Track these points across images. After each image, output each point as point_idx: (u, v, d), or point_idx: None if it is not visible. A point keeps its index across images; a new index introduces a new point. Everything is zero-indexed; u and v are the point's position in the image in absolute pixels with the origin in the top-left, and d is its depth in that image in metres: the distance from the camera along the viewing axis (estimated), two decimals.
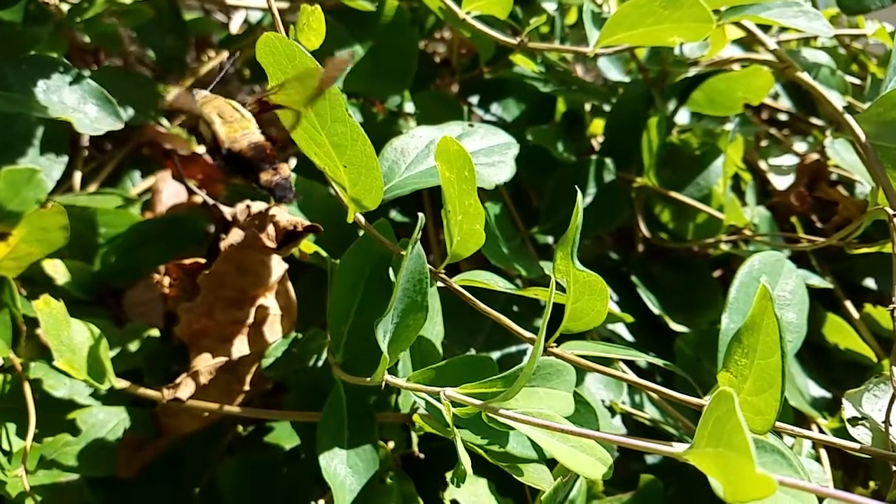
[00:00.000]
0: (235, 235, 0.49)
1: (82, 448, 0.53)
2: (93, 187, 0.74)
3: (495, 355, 0.56)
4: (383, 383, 0.39)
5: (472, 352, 0.55)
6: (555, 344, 0.41)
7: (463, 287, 0.44)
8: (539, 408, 0.35)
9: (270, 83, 0.40)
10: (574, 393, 0.39)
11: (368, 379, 0.39)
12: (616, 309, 0.60)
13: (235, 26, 0.93)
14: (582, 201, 0.39)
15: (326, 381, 0.53)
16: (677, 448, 0.28)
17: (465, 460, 0.36)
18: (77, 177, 0.73)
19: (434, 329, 0.47)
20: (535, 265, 0.55)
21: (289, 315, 0.56)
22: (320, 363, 0.55)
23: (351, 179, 0.42)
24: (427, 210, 0.68)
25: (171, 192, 0.73)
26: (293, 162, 0.86)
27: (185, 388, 0.48)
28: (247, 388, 0.53)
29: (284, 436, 0.57)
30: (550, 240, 0.66)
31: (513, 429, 0.37)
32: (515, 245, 0.57)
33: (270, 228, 0.49)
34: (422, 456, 0.50)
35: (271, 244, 0.49)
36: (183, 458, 0.57)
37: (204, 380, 0.49)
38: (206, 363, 0.50)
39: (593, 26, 0.54)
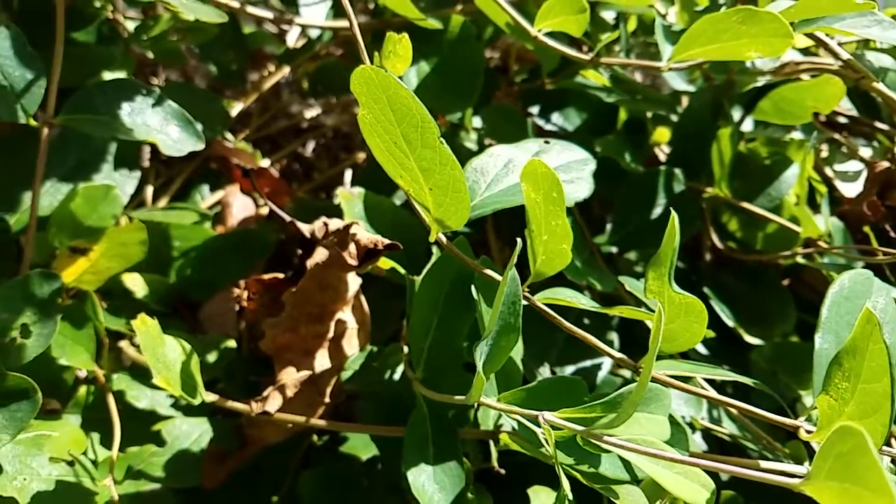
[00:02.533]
0: (320, 254, 0.50)
1: (168, 459, 0.54)
2: (163, 202, 0.76)
3: (569, 370, 0.56)
4: (476, 403, 0.40)
5: (547, 367, 0.55)
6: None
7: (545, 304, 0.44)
8: (639, 433, 0.36)
9: (362, 111, 0.41)
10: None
11: (462, 398, 0.40)
12: None
13: (292, 40, 0.95)
14: (677, 222, 0.39)
15: (403, 394, 0.54)
16: (794, 480, 0.28)
17: (566, 484, 0.36)
18: (149, 191, 0.76)
19: (516, 347, 0.47)
20: (608, 278, 0.55)
21: (364, 329, 0.57)
22: (396, 376, 0.56)
23: (436, 201, 0.43)
24: (489, 225, 0.69)
25: (240, 205, 0.75)
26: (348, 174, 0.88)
27: (272, 402, 0.50)
28: (327, 400, 0.54)
29: (360, 446, 0.58)
30: (615, 249, 0.66)
31: (609, 452, 0.37)
32: (585, 258, 0.58)
33: (352, 246, 0.50)
34: (502, 471, 0.51)
35: (353, 262, 0.50)
36: (262, 469, 0.59)
37: (290, 393, 0.50)
38: (291, 377, 0.51)
39: (666, 41, 0.54)
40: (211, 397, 0.52)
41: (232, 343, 0.63)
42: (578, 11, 0.50)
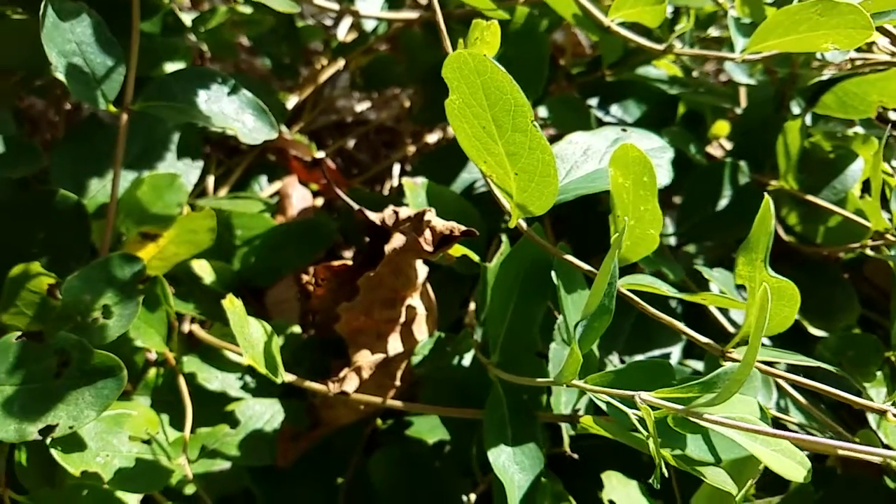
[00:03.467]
0: (398, 240, 0.51)
1: (243, 438, 0.56)
2: (223, 191, 0.77)
3: (637, 359, 0.57)
4: (552, 387, 0.40)
5: (615, 356, 0.55)
6: (733, 349, 0.42)
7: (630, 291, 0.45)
8: (732, 413, 0.36)
9: (451, 97, 0.42)
10: None
11: (545, 381, 0.40)
12: None
13: (342, 33, 0.96)
14: (771, 206, 0.39)
15: (473, 379, 0.55)
16: None
17: (662, 464, 0.36)
18: (210, 181, 0.77)
19: None
20: (677, 268, 0.56)
21: (432, 315, 0.58)
22: (465, 362, 0.56)
23: (520, 186, 0.43)
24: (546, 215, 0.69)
25: (298, 196, 0.76)
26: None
27: (349, 382, 0.51)
28: (397, 383, 0.55)
29: (426, 430, 0.59)
30: (673, 242, 0.66)
31: (699, 433, 0.38)
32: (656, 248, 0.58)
33: (427, 233, 0.51)
34: (575, 456, 0.51)
35: (428, 248, 0.51)
36: (329, 451, 0.60)
37: (365, 374, 0.51)
38: (367, 359, 0.52)
39: (738, 33, 0.54)
40: (289, 377, 0.53)
41: (297, 328, 0.64)
42: (656, 2, 0.50)
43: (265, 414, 0.57)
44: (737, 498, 0.38)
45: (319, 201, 0.80)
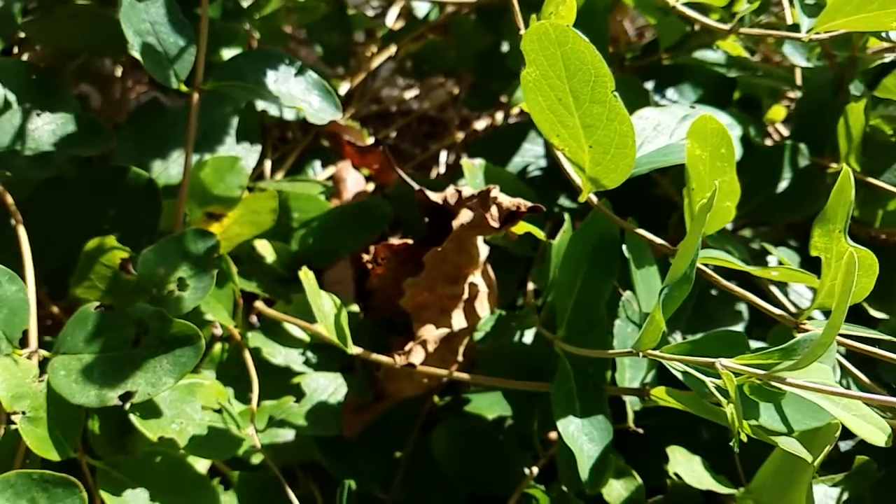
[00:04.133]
0: (465, 216, 0.52)
1: (309, 409, 0.57)
2: (279, 175, 0.79)
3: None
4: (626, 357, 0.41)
5: (678, 334, 0.56)
6: (806, 321, 0.42)
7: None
8: (809, 379, 0.36)
9: (528, 69, 0.43)
10: None
11: (631, 348, 0.41)
12: None
13: (390, 20, 0.97)
14: (850, 177, 0.39)
15: (534, 355, 0.55)
16: None
17: (743, 428, 0.37)
18: (267, 165, 0.78)
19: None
20: (740, 247, 0.56)
21: (492, 293, 0.59)
22: (525, 339, 0.57)
23: (594, 159, 0.44)
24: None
25: (353, 180, 0.77)
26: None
27: (416, 355, 0.52)
28: (460, 358, 0.56)
29: (484, 406, 0.59)
30: (729, 225, 0.67)
31: (775, 401, 0.38)
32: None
33: (493, 209, 0.52)
34: (640, 431, 0.52)
35: (495, 224, 0.51)
36: (387, 427, 0.61)
37: (431, 348, 0.52)
38: (431, 333, 0.53)
39: (804, 13, 0.54)
40: (356, 350, 0.54)
41: (355, 307, 0.66)
42: None
43: (329, 387, 0.58)
44: (814, 463, 0.38)
45: (370, 186, 0.82)
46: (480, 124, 0.89)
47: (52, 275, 0.59)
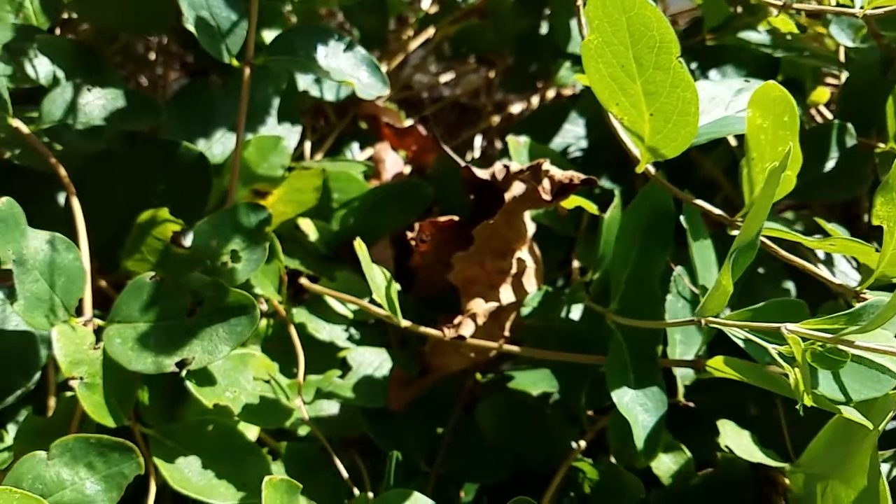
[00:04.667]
0: (518, 188, 0.52)
1: (356, 382, 0.57)
2: (318, 156, 0.79)
3: None
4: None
5: (727, 309, 0.56)
6: (866, 291, 0.42)
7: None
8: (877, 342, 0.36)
9: (590, 36, 0.43)
10: None
11: (693, 315, 0.41)
12: None
13: (426, 4, 0.97)
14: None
15: (582, 330, 0.55)
16: None
17: (809, 392, 0.37)
18: (307, 146, 0.79)
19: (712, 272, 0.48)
20: (785, 223, 0.56)
21: (539, 270, 0.59)
22: (572, 314, 0.57)
23: (654, 128, 0.44)
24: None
25: (391, 161, 0.78)
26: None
27: (466, 327, 0.52)
28: (506, 333, 0.56)
29: (528, 383, 0.60)
30: None
31: (839, 368, 0.38)
32: None
33: (545, 182, 0.52)
34: (691, 405, 0.52)
35: (546, 196, 0.52)
36: (432, 401, 0.61)
37: (480, 321, 0.52)
38: (480, 307, 0.53)
39: None
40: (406, 322, 0.54)
41: (397, 286, 0.66)
42: None
43: (375, 361, 0.59)
44: (878, 428, 0.38)
45: (407, 169, 0.82)
46: (516, 108, 0.89)
47: (101, 248, 0.60)
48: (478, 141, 0.93)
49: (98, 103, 0.60)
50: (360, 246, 0.50)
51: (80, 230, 0.55)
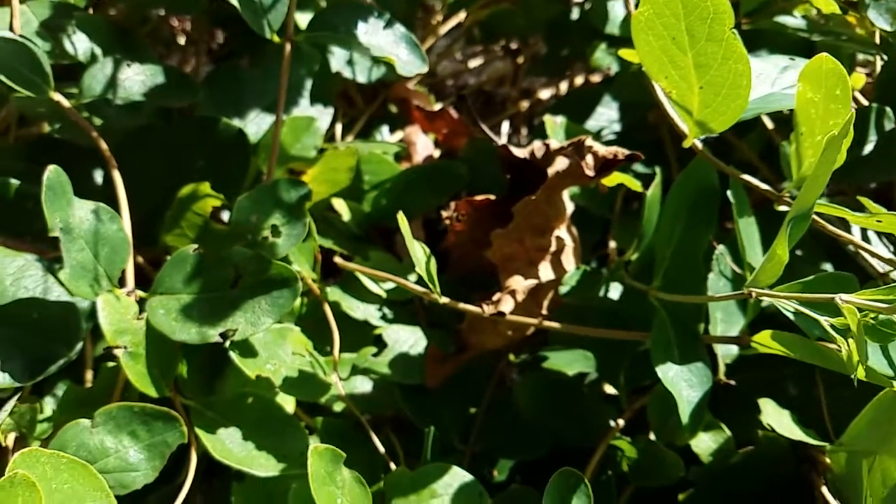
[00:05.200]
0: (561, 163, 0.52)
1: (392, 359, 0.57)
2: (349, 139, 0.79)
3: None
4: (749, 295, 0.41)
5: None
6: None
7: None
8: None
9: (641, 8, 0.43)
10: None
11: (745, 288, 0.40)
12: None
13: None
14: None
15: (620, 308, 0.55)
16: None
17: (859, 363, 0.37)
18: (338, 128, 0.79)
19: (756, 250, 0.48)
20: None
21: (577, 248, 0.59)
22: (610, 294, 0.57)
23: (703, 101, 0.44)
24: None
25: (422, 143, 0.78)
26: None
27: (505, 304, 0.52)
28: (544, 311, 0.56)
29: (563, 363, 0.60)
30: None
31: (892, 338, 0.38)
32: None
33: (589, 158, 0.52)
34: (732, 382, 0.51)
35: (590, 172, 0.52)
36: (465, 380, 0.61)
37: (519, 298, 0.52)
38: (520, 284, 0.53)
39: None
40: (444, 299, 0.54)
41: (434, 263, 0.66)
42: None
43: (410, 339, 0.59)
44: None
45: (437, 152, 0.82)
46: (545, 94, 0.89)
47: (140, 223, 0.60)
48: (504, 127, 0.93)
49: (137, 79, 0.61)
50: (402, 220, 0.50)
51: (122, 202, 0.55)
